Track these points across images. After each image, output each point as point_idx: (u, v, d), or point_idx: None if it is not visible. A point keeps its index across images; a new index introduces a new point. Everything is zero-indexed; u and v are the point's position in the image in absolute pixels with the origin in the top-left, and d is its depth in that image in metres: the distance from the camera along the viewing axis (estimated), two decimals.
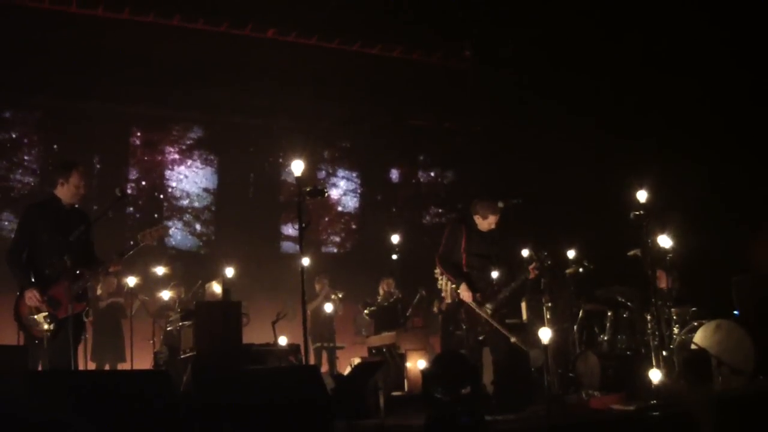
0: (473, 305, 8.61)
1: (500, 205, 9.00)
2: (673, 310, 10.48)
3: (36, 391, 5.31)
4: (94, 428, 5.07)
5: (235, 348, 9.09)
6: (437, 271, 9.15)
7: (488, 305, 8.63)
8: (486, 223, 8.94)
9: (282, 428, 5.77)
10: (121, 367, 12.76)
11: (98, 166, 15.83)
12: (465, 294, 8.64)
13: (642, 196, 9.47)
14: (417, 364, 11.25)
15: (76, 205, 7.72)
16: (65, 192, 7.60)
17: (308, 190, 7.84)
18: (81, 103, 15.00)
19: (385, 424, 7.25)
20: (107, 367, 12.78)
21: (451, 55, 16.98)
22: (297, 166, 7.68)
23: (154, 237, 7.75)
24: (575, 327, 11.15)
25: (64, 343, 7.28)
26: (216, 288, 12.22)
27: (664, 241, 10.30)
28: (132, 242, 7.69)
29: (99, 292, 12.88)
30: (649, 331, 10.20)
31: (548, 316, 9.56)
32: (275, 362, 9.77)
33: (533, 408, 8.35)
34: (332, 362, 13.96)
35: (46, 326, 7.15)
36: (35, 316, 7.20)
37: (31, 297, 7.26)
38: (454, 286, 8.86)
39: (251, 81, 15.31)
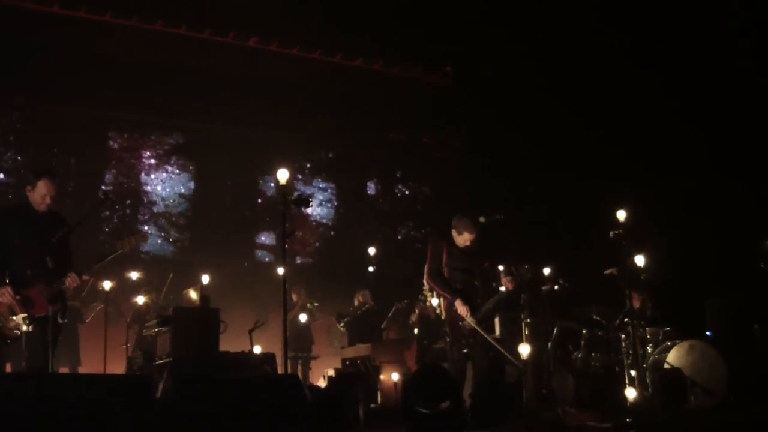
0: (469, 320, 8.64)
1: (482, 220, 9.05)
2: (647, 329, 10.57)
3: (10, 393, 5.27)
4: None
5: (212, 355, 9.05)
6: (426, 286, 9.19)
7: (472, 318, 8.68)
8: (461, 239, 9.03)
9: None
10: (80, 371, 12.65)
11: (75, 168, 15.66)
12: (461, 309, 8.69)
13: (621, 215, 9.56)
14: (391, 376, 11.24)
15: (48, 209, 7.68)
16: (32, 198, 7.60)
17: (293, 199, 7.81)
18: (58, 106, 14.84)
19: None
20: (63, 371, 12.60)
21: (431, 71, 17.05)
22: (282, 175, 7.64)
23: (132, 245, 7.71)
24: (550, 344, 11.19)
25: (40, 344, 7.25)
26: (193, 295, 12.16)
27: (640, 260, 10.40)
28: (112, 249, 7.67)
29: None
30: (623, 350, 10.29)
31: (527, 332, 9.59)
32: (251, 371, 9.71)
33: (509, 424, 8.37)
34: (305, 372, 13.93)
35: (24, 327, 7.10)
36: (14, 317, 7.15)
37: (4, 293, 7.21)
38: (444, 300, 8.89)
39: (231, 90, 15.26)
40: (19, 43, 13.54)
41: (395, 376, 11.20)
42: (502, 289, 9.09)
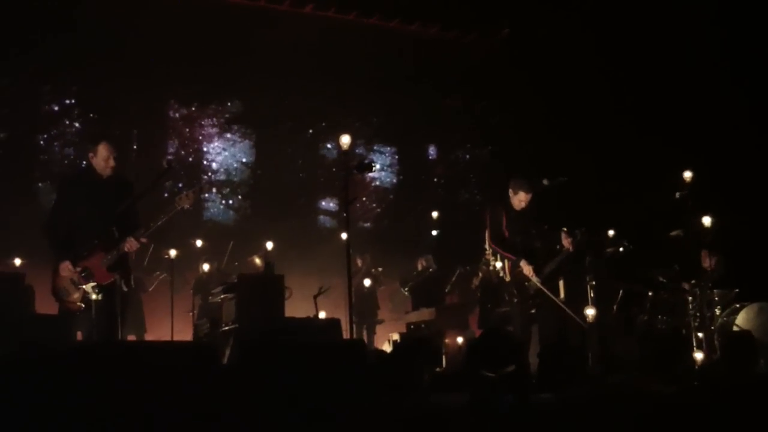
0: (534, 280, 8.63)
1: (545, 182, 9.00)
2: (714, 291, 10.41)
3: (79, 362, 5.35)
4: (137, 399, 5.10)
5: (277, 321, 9.12)
6: (488, 251, 9.16)
7: (538, 278, 8.67)
8: (517, 199, 9.00)
9: (326, 403, 5.76)
10: (146, 338, 12.87)
11: (136, 139, 15.84)
12: (527, 268, 8.68)
13: (687, 175, 9.42)
14: (456, 340, 11.27)
15: (113, 175, 7.68)
16: (96, 164, 7.58)
17: (356, 164, 7.79)
18: (119, 78, 14.96)
19: (428, 400, 7.23)
20: (131, 339, 12.82)
21: (488, 34, 16.86)
22: (344, 140, 7.61)
23: (190, 199, 7.55)
24: (615, 307, 11.09)
25: (109, 313, 7.35)
26: (257, 261, 12.29)
27: (707, 221, 10.22)
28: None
29: None
30: (690, 312, 10.15)
31: (592, 295, 9.52)
32: (316, 336, 9.78)
33: (574, 388, 8.32)
34: (370, 337, 14.01)
35: (94, 296, 7.18)
36: (83, 287, 7.23)
37: (64, 268, 7.29)
38: (509, 263, 8.87)
39: (289, 57, 15.24)
40: (79, 18, 13.63)
41: (459, 340, 11.23)
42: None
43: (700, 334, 9.74)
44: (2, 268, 11.76)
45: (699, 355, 9.12)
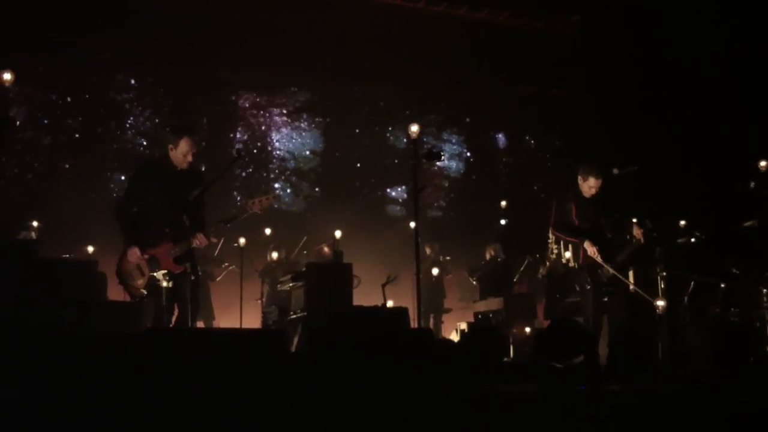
0: (607, 267, 8.51)
1: (615, 171, 8.86)
2: None
3: (152, 347, 5.44)
4: (209, 384, 5.17)
5: (346, 310, 9.16)
6: (551, 239, 9.05)
7: (610, 265, 8.55)
8: (587, 185, 8.82)
9: (394, 390, 5.79)
10: (214, 325, 13.00)
11: (207, 128, 16.01)
12: (590, 249, 8.54)
13: (762, 164, 9.24)
14: (523, 330, 11.21)
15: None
16: (174, 157, 7.64)
17: (425, 153, 7.78)
18: (190, 68, 15.15)
19: (496, 389, 7.21)
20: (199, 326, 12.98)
21: (558, 21, 16.69)
22: (413, 129, 7.61)
23: (263, 205, 7.61)
24: (686, 298, 10.92)
25: (175, 301, 7.45)
26: (326, 250, 12.35)
27: None
28: (239, 209, 7.72)
29: None
30: (764, 305, 9.96)
31: (662, 286, 9.38)
32: (384, 325, 9.81)
33: (644, 378, 8.23)
34: (437, 326, 14.01)
35: (165, 283, 7.27)
36: (155, 273, 7.33)
37: (133, 254, 7.39)
38: (581, 250, 8.76)
39: (358, 46, 15.26)
40: (151, 7, 13.79)
41: (527, 330, 11.17)
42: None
43: None
44: (76, 255, 12.01)
45: None
